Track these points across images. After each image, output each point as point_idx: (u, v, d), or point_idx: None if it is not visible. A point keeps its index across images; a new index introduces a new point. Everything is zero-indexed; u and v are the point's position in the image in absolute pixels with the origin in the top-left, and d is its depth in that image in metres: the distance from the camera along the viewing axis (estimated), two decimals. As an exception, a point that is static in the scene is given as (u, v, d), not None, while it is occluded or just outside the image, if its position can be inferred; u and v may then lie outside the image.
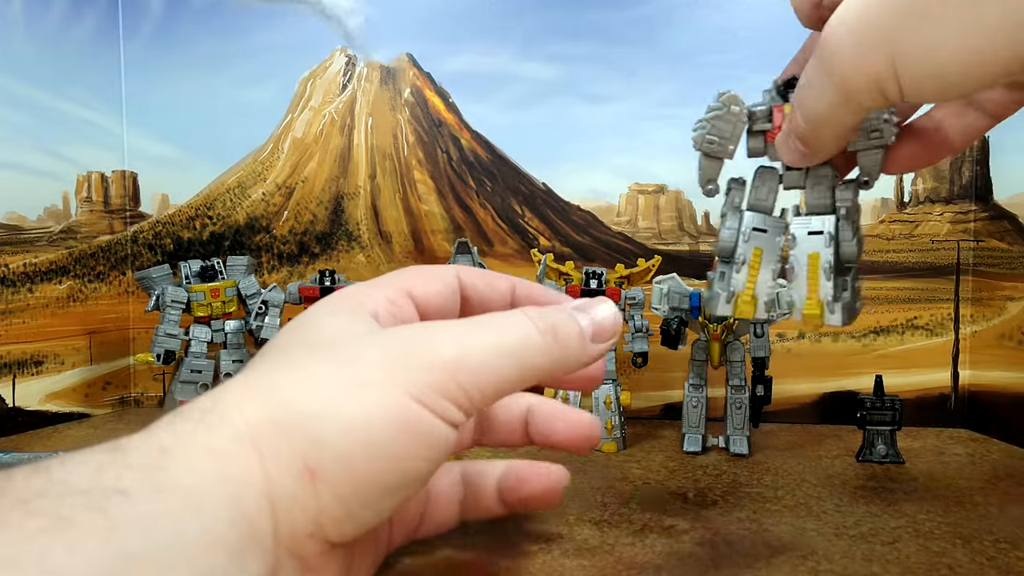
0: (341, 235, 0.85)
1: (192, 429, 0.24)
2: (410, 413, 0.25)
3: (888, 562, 0.39)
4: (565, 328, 0.30)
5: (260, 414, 0.25)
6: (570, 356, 0.30)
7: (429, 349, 0.27)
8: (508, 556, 0.40)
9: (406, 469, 0.26)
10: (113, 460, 0.22)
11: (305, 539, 0.24)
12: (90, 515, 0.20)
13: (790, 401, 0.78)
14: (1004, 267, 0.72)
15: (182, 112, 0.85)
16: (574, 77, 0.80)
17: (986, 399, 0.73)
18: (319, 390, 0.25)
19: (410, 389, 0.26)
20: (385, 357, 0.26)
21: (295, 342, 0.29)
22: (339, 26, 0.84)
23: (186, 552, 0.21)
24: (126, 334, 0.85)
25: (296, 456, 0.24)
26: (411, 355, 0.27)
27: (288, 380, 0.26)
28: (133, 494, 0.21)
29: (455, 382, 0.26)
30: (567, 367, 0.30)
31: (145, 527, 0.20)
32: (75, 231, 0.80)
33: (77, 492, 0.20)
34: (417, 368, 0.26)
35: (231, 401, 0.25)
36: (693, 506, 0.49)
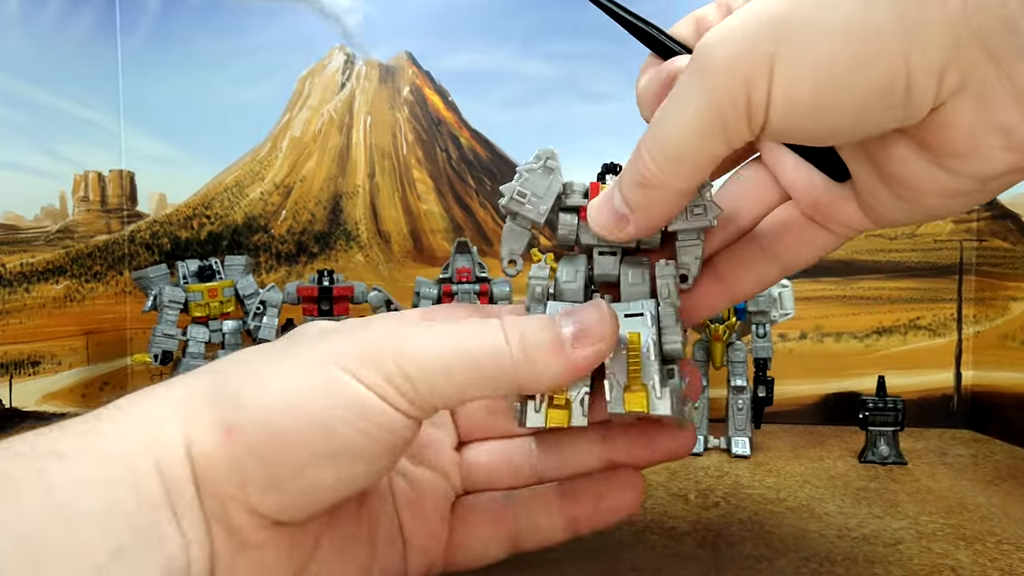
0: (340, 235, 0.84)
1: (131, 399, 0.26)
2: (339, 383, 0.25)
3: (891, 564, 0.39)
4: (535, 336, 0.28)
5: (197, 383, 0.26)
6: (540, 364, 0.27)
7: (372, 338, 0.27)
8: (508, 559, 0.40)
9: (338, 437, 0.25)
10: (52, 428, 0.24)
11: (231, 504, 0.24)
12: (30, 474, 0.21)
13: (792, 402, 0.77)
14: (1007, 267, 0.71)
15: (180, 111, 0.85)
16: (574, 75, 0.80)
17: (989, 400, 0.73)
18: (254, 365, 0.27)
19: (339, 361, 0.25)
20: (328, 343, 0.27)
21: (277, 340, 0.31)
22: (338, 24, 0.83)
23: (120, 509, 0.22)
24: (123, 334, 0.85)
25: (215, 417, 0.25)
26: (348, 336, 0.27)
27: (235, 359, 0.28)
28: (67, 455, 0.22)
29: (396, 366, 0.26)
30: (540, 377, 0.28)
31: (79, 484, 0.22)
32: (72, 231, 0.80)
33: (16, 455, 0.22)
34: (349, 344, 0.26)
35: (184, 377, 0.27)
36: (694, 507, 0.49)
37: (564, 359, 0.28)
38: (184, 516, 0.23)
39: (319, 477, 0.25)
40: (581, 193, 0.33)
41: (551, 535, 0.34)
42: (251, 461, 0.24)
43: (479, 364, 0.27)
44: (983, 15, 0.22)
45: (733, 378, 0.64)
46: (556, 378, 0.28)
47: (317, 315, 0.68)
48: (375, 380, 0.25)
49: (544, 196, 0.33)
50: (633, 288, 0.32)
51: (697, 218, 0.31)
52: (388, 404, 0.25)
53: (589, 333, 0.28)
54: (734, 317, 0.64)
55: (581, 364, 0.28)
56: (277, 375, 0.26)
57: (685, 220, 0.31)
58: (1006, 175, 0.25)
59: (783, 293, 0.63)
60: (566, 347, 0.28)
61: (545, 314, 0.31)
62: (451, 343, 0.27)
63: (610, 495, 0.34)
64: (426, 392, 0.26)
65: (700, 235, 0.32)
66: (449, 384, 0.26)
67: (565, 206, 0.33)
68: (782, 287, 0.63)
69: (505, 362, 0.27)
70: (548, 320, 0.29)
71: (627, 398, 0.30)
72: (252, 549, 0.25)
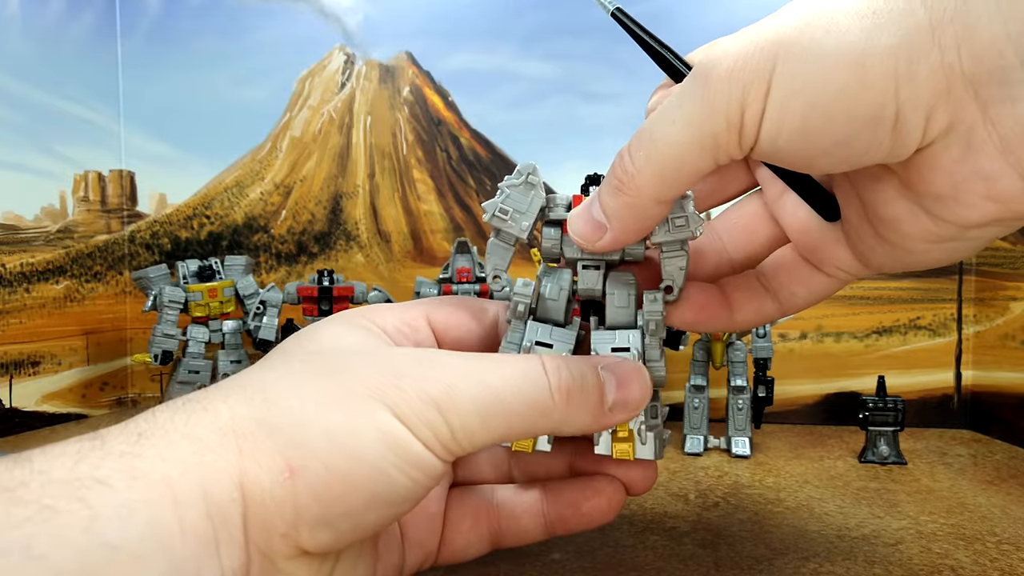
0: (340, 235, 0.84)
1: (171, 417, 0.24)
2: (394, 431, 0.25)
3: (891, 564, 0.39)
4: (581, 393, 0.28)
5: (245, 410, 0.25)
6: (578, 422, 0.28)
7: (422, 378, 0.26)
8: (508, 558, 0.40)
9: (390, 482, 0.25)
10: (92, 448, 0.22)
11: (277, 539, 0.24)
12: (71, 504, 0.20)
13: (792, 402, 0.77)
14: (1007, 267, 0.71)
15: (180, 111, 0.85)
16: (575, 75, 0.80)
17: (989, 400, 0.73)
18: (307, 396, 0.25)
19: (394, 410, 0.25)
20: (377, 376, 0.26)
21: (298, 348, 0.29)
22: (338, 24, 0.83)
23: (160, 541, 0.21)
24: (123, 334, 0.85)
25: (277, 454, 0.24)
26: (403, 379, 0.26)
27: (278, 383, 0.26)
28: (112, 483, 0.21)
29: (442, 419, 0.26)
30: (573, 429, 0.28)
31: (123, 517, 0.20)
32: (72, 231, 0.80)
33: (58, 481, 0.21)
34: (404, 391, 0.26)
35: (219, 395, 0.25)
36: (694, 507, 0.49)
37: (600, 422, 0.29)
38: (225, 546, 0.23)
39: (369, 518, 0.25)
40: (564, 206, 0.33)
41: (530, 534, 0.35)
42: (311, 501, 0.24)
43: (519, 415, 0.27)
44: (979, 63, 0.22)
45: (733, 378, 0.64)
46: (587, 432, 0.29)
47: (317, 315, 0.68)
48: (424, 433, 0.26)
49: (526, 211, 0.32)
50: (619, 312, 0.33)
51: (679, 230, 0.31)
52: (432, 453, 0.26)
53: (629, 401, 0.29)
54: (734, 317, 0.64)
55: (608, 427, 0.29)
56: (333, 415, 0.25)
57: (668, 232, 0.31)
58: (988, 225, 0.25)
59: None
60: (604, 410, 0.29)
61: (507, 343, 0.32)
62: (495, 393, 0.27)
63: (588, 502, 0.34)
64: (464, 441, 0.26)
65: (684, 246, 0.32)
66: (483, 433, 0.27)
67: (548, 220, 0.33)
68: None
69: (545, 415, 0.27)
70: (593, 372, 0.29)
71: (615, 447, 0.31)
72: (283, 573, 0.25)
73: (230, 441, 0.24)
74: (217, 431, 0.24)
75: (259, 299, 0.71)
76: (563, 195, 0.34)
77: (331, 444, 0.24)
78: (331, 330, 0.30)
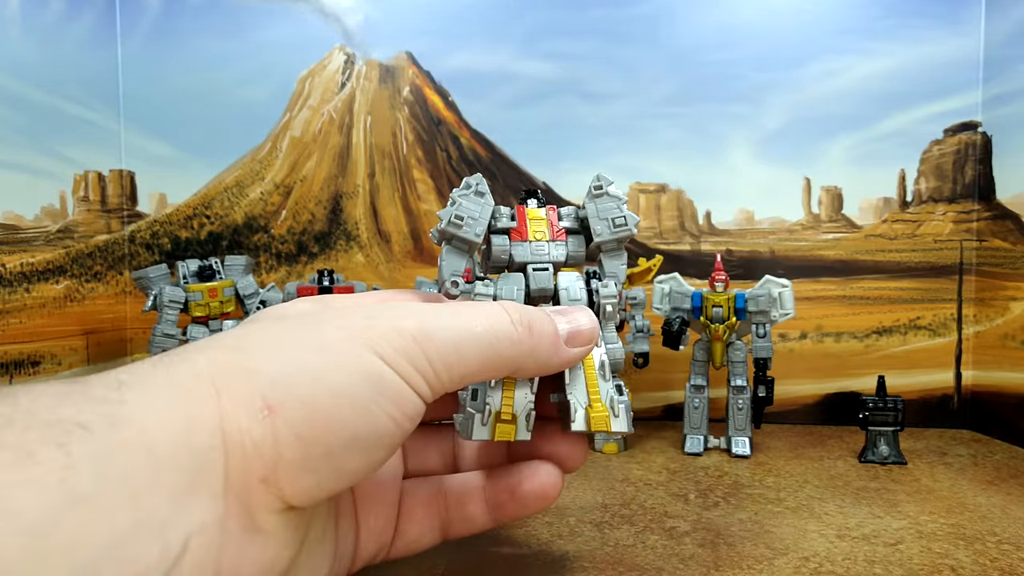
0: (340, 234, 0.84)
1: (151, 367, 0.24)
2: (374, 366, 0.25)
3: (891, 564, 0.39)
4: (540, 324, 0.30)
5: (223, 357, 0.25)
6: (542, 352, 0.30)
7: (394, 317, 0.27)
8: (509, 558, 0.40)
9: (373, 420, 0.25)
10: (74, 391, 0.22)
11: (257, 485, 0.23)
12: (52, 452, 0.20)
13: (792, 402, 0.77)
14: (1007, 267, 0.71)
15: (180, 111, 0.85)
16: (574, 75, 0.80)
17: (989, 400, 0.73)
18: (285, 342, 0.26)
19: (374, 347, 0.26)
20: (350, 323, 0.27)
21: (264, 316, 0.31)
22: (338, 24, 0.83)
23: (129, 493, 0.20)
24: (123, 334, 0.85)
25: (255, 393, 0.24)
26: (377, 319, 0.27)
27: (255, 334, 0.27)
28: (93, 428, 0.21)
29: (420, 351, 0.26)
30: (538, 363, 0.30)
31: (99, 465, 0.20)
32: (72, 231, 0.80)
33: (41, 424, 0.20)
34: (381, 331, 0.26)
35: (197, 347, 0.26)
36: (695, 507, 0.49)
37: (560, 355, 0.31)
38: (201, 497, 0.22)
39: (350, 461, 0.25)
40: (508, 216, 0.36)
41: (478, 522, 0.36)
42: (291, 439, 0.23)
43: (491, 345, 0.28)
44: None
45: (733, 378, 0.64)
46: (549, 367, 0.31)
47: (317, 315, 0.68)
48: (406, 367, 0.26)
49: (479, 218, 0.35)
50: (573, 304, 0.35)
51: (620, 230, 0.35)
52: (412, 389, 0.26)
53: (581, 334, 0.32)
54: (734, 317, 0.64)
55: (571, 360, 0.32)
56: (312, 355, 0.25)
57: (610, 231, 0.35)
58: None
59: (783, 293, 0.63)
60: (561, 343, 0.31)
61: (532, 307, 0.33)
62: (466, 325, 0.28)
63: (527, 480, 0.35)
64: (444, 375, 0.27)
65: (621, 244, 0.36)
66: (461, 364, 0.28)
67: (495, 228, 0.36)
68: (782, 287, 0.63)
69: (513, 344, 0.29)
70: (544, 313, 0.31)
71: (592, 418, 0.33)
72: (261, 534, 0.24)
73: (208, 386, 0.23)
74: (195, 377, 0.24)
75: (259, 299, 0.71)
76: (505, 207, 0.37)
77: (312, 381, 0.24)
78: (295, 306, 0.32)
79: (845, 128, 0.77)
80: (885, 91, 0.76)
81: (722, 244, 0.79)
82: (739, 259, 0.79)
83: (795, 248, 0.79)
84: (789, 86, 0.77)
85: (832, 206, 0.78)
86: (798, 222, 0.79)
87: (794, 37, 0.76)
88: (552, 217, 0.37)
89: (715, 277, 0.64)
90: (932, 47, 0.75)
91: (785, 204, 0.79)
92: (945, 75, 0.75)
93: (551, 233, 0.36)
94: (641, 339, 0.67)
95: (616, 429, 0.33)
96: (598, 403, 0.33)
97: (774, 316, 0.63)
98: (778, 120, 0.78)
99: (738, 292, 0.64)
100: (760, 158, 0.79)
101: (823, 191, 0.78)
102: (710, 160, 0.79)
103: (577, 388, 0.33)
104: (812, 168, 0.78)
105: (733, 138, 0.79)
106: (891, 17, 0.76)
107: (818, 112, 0.77)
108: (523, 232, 0.36)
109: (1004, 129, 0.72)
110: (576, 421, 0.33)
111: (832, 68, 0.77)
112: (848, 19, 0.76)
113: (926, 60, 0.75)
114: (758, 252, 0.79)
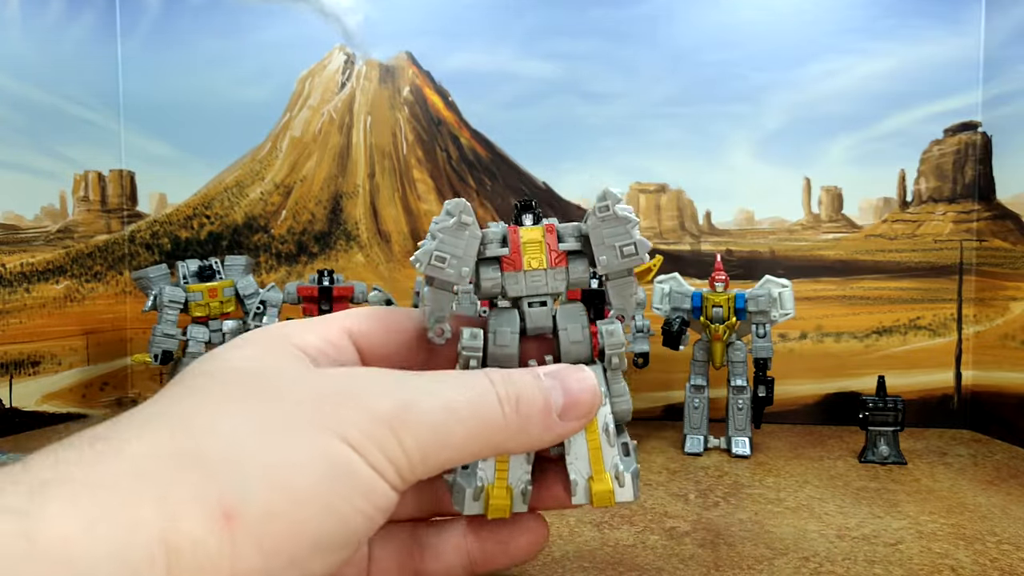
0: (340, 234, 0.84)
1: (76, 460, 0.20)
2: (340, 457, 0.22)
3: (891, 564, 0.39)
4: (528, 399, 0.26)
5: (164, 446, 0.21)
6: (531, 432, 0.27)
7: (367, 396, 0.24)
8: (507, 558, 0.40)
9: (342, 519, 0.22)
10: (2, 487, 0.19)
11: None
12: None
13: (792, 402, 0.77)
14: (1007, 267, 0.71)
15: (180, 111, 0.85)
16: (574, 75, 0.80)
17: (989, 400, 0.73)
18: (237, 425, 0.22)
19: (342, 433, 0.23)
20: (315, 397, 0.24)
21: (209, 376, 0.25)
22: (338, 24, 0.83)
23: None
24: (123, 334, 0.85)
25: (208, 496, 0.20)
26: (347, 399, 0.24)
27: (200, 410, 0.23)
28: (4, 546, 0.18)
29: (395, 438, 0.23)
30: (527, 443, 0.27)
31: None
32: (72, 231, 0.80)
33: None
34: (351, 413, 0.23)
35: (130, 430, 0.22)
36: (695, 507, 0.49)
37: (553, 431, 0.27)
38: None
39: (314, 564, 0.22)
40: (499, 243, 0.31)
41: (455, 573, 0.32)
42: (251, 551, 0.20)
43: (475, 434, 0.25)
44: None
45: (733, 378, 0.64)
46: (541, 445, 0.28)
47: (317, 315, 0.68)
48: (377, 456, 0.23)
49: (464, 256, 0.30)
50: (574, 347, 0.31)
51: (628, 259, 0.30)
52: (385, 480, 0.23)
53: (577, 406, 0.28)
54: (734, 317, 0.64)
55: (566, 435, 0.28)
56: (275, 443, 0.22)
57: (617, 260, 0.30)
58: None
59: (783, 293, 0.63)
60: (554, 417, 0.27)
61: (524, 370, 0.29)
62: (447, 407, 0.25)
63: (515, 540, 0.32)
64: (419, 466, 0.24)
65: (631, 273, 0.31)
66: (441, 453, 0.25)
67: (484, 257, 0.31)
68: (782, 287, 0.63)
69: (500, 431, 0.26)
70: (537, 382, 0.27)
71: (594, 493, 0.29)
72: None
73: (147, 486, 0.20)
74: (130, 474, 0.20)
75: (259, 299, 0.71)
76: (495, 229, 0.31)
77: (272, 483, 0.21)
78: (244, 352, 0.26)
79: (845, 128, 0.77)
80: (885, 91, 0.76)
81: (722, 244, 0.79)
82: (739, 259, 0.79)
83: (795, 248, 0.79)
84: (789, 86, 0.77)
85: (832, 206, 0.78)
86: (798, 222, 0.79)
87: (794, 37, 0.76)
88: (550, 240, 0.31)
89: (715, 277, 0.64)
90: (932, 47, 0.75)
91: (785, 204, 0.79)
92: (945, 75, 0.75)
93: (549, 259, 0.31)
94: (641, 339, 0.67)
95: (621, 500, 0.30)
96: (601, 474, 0.29)
97: (774, 316, 0.63)
98: (778, 120, 0.78)
99: (738, 292, 0.64)
100: (760, 158, 0.79)
101: (823, 191, 0.78)
102: (710, 160, 0.79)
103: (577, 458, 0.30)
104: (812, 168, 0.78)
105: (733, 138, 0.79)
106: (891, 17, 0.76)
107: (818, 112, 0.77)
108: (516, 261, 0.31)
109: (1004, 129, 0.72)
110: (577, 495, 0.30)
111: (832, 68, 0.77)
112: (848, 19, 0.76)
113: (926, 60, 0.75)
114: (758, 252, 0.79)
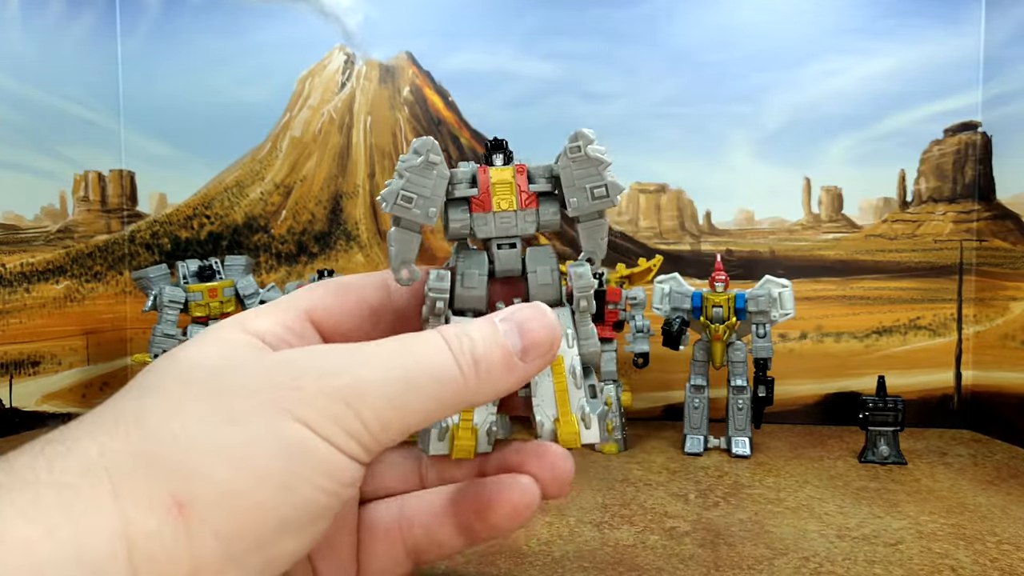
0: (340, 234, 0.84)
1: (31, 463, 0.20)
2: (297, 437, 0.22)
3: (891, 564, 0.39)
4: (488, 354, 0.26)
5: (118, 444, 0.21)
6: (495, 386, 0.26)
7: (320, 374, 0.23)
8: (509, 558, 0.40)
9: (303, 499, 0.22)
10: None
11: None
12: None
13: (792, 402, 0.77)
14: (1007, 267, 0.71)
15: (180, 111, 0.85)
16: (574, 75, 0.80)
17: (989, 400, 0.73)
18: (190, 417, 0.22)
19: (296, 413, 0.22)
20: (268, 383, 0.23)
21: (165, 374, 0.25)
22: (338, 24, 0.83)
23: None
24: (123, 334, 0.85)
25: (159, 488, 0.20)
26: (299, 378, 0.23)
27: (154, 408, 0.22)
28: None
29: (352, 413, 0.23)
30: (492, 393, 0.26)
31: None
32: (72, 231, 0.80)
33: None
34: (305, 393, 0.23)
35: (84, 431, 0.22)
36: (694, 507, 0.49)
37: (516, 375, 0.27)
38: None
39: (282, 546, 0.22)
40: (468, 182, 0.31)
41: (450, 546, 0.31)
42: (208, 539, 0.20)
43: (434, 395, 0.25)
44: None
45: (733, 378, 0.64)
46: (507, 391, 0.27)
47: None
48: (335, 432, 0.23)
49: (431, 196, 0.29)
50: (543, 290, 0.31)
51: (599, 201, 0.30)
52: (346, 455, 0.23)
53: (537, 345, 0.27)
54: (734, 317, 0.64)
55: (530, 375, 0.27)
56: (225, 431, 0.22)
57: (588, 202, 0.30)
58: None
59: (783, 293, 0.63)
60: (516, 361, 0.26)
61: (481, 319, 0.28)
62: (403, 376, 0.24)
63: (498, 500, 0.30)
64: (380, 434, 0.24)
65: (603, 215, 0.31)
66: (401, 421, 0.24)
67: (453, 198, 0.30)
68: (782, 287, 0.63)
69: (460, 390, 0.25)
70: (493, 330, 0.26)
71: (560, 433, 0.29)
72: None
73: (103, 483, 0.20)
74: (86, 473, 0.20)
75: (259, 299, 0.71)
76: (465, 169, 0.31)
77: (225, 466, 0.21)
78: (196, 350, 0.26)
79: (845, 128, 0.77)
80: (885, 91, 0.76)
81: (722, 244, 0.79)
82: (739, 259, 0.79)
83: (795, 248, 0.79)
84: (789, 86, 0.77)
85: (832, 206, 0.78)
86: (798, 222, 0.79)
87: (794, 37, 0.76)
88: (520, 180, 0.31)
89: (715, 277, 0.64)
90: (932, 47, 0.75)
91: (785, 204, 0.79)
92: (945, 75, 0.75)
93: (519, 200, 0.31)
94: (641, 339, 0.67)
95: (586, 442, 0.29)
96: (568, 416, 0.29)
97: (774, 316, 0.63)
98: (778, 120, 0.78)
99: (738, 292, 0.64)
100: (760, 158, 0.79)
101: (823, 191, 0.78)
102: (710, 160, 0.79)
103: (543, 400, 0.29)
104: (812, 168, 0.78)
105: (733, 138, 0.79)
106: (891, 17, 0.76)
107: (818, 112, 0.77)
108: (486, 202, 0.30)
109: (1004, 129, 0.72)
110: (542, 436, 0.29)
111: (832, 68, 0.77)
112: (848, 19, 0.76)
113: (926, 60, 0.75)
114: (758, 252, 0.79)
